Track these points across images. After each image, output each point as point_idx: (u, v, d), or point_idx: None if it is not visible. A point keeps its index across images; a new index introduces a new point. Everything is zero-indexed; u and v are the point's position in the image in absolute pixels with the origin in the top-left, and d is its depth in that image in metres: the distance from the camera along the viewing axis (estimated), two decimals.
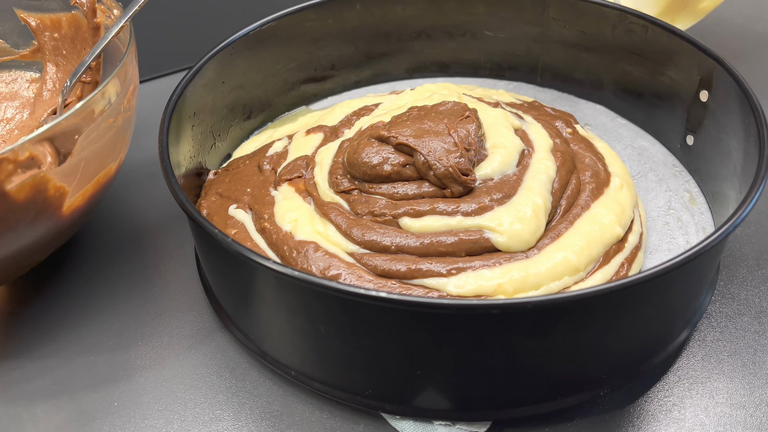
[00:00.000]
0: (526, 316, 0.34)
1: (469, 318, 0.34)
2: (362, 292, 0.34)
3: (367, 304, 0.35)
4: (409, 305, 0.34)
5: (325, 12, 0.62)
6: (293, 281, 0.35)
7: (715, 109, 0.51)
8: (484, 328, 0.35)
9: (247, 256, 0.36)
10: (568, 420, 0.41)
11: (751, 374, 0.43)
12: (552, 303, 0.33)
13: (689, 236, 0.50)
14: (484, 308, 0.33)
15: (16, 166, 0.38)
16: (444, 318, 0.34)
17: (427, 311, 0.34)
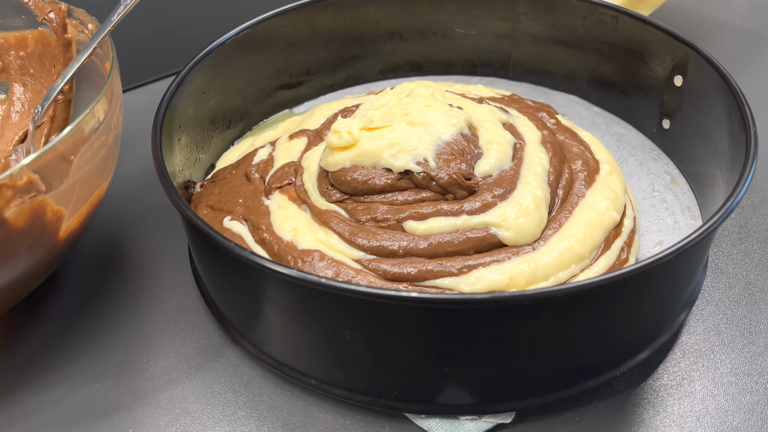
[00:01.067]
0: (555, 305, 0.35)
1: (500, 311, 0.35)
2: (395, 294, 0.34)
3: (397, 305, 0.35)
4: (442, 303, 0.34)
5: (298, 17, 0.61)
6: (319, 288, 0.35)
7: (691, 93, 0.53)
8: (513, 319, 0.36)
9: (270, 267, 0.36)
10: (587, 403, 0.42)
11: (750, 343, 0.45)
12: (580, 290, 0.34)
13: (676, 216, 0.52)
14: (516, 300, 0.33)
15: (15, 191, 0.36)
16: (474, 313, 0.35)
17: (459, 308, 0.34)
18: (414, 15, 0.65)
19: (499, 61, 0.67)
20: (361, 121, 0.49)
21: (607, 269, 0.45)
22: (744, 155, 0.42)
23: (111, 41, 0.46)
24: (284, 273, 0.35)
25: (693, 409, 0.42)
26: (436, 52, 0.67)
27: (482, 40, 0.66)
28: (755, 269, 0.50)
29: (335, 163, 0.47)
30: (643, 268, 0.35)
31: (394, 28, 0.66)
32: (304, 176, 0.51)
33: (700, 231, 0.37)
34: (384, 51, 0.67)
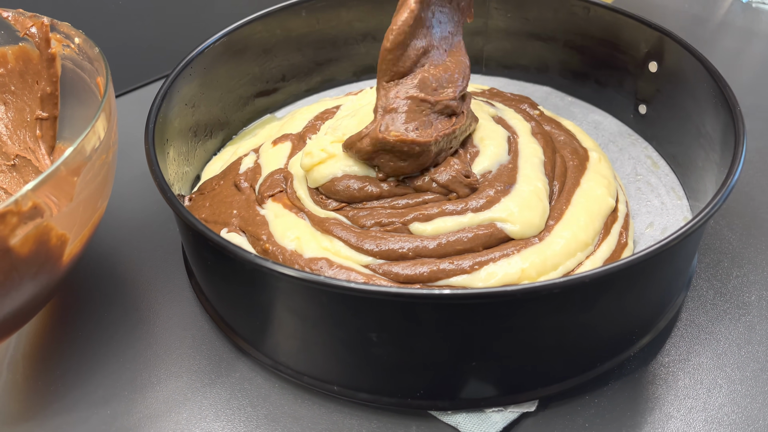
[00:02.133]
0: (582, 291, 0.36)
1: (530, 301, 0.35)
2: (428, 293, 0.34)
3: (428, 304, 0.35)
4: (475, 298, 0.34)
5: (272, 22, 0.61)
6: (350, 293, 0.35)
7: (667, 78, 0.55)
8: (542, 308, 0.36)
9: (300, 277, 0.35)
10: (603, 385, 0.43)
11: (745, 314, 0.48)
12: (607, 273, 0.35)
13: (662, 197, 0.54)
14: (548, 289, 0.34)
15: (20, 218, 0.35)
16: (505, 305, 0.35)
17: (491, 301, 0.35)
18: (386, 15, 0.65)
19: (471, 57, 0.67)
20: (333, 135, 0.49)
21: (610, 254, 0.46)
22: (734, 135, 0.43)
23: (102, 55, 0.44)
24: (315, 281, 0.35)
25: (702, 380, 0.44)
26: None
27: None
28: (739, 243, 0.53)
29: (322, 177, 0.47)
30: (662, 248, 0.36)
31: (367, 29, 0.66)
32: (294, 183, 0.50)
33: (706, 210, 0.38)
34: (357, 53, 0.67)
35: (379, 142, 0.46)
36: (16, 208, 0.34)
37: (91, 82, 0.48)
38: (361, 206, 0.46)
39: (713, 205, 0.38)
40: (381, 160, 0.46)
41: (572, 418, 0.42)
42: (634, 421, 0.41)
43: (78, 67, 0.49)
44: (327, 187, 0.47)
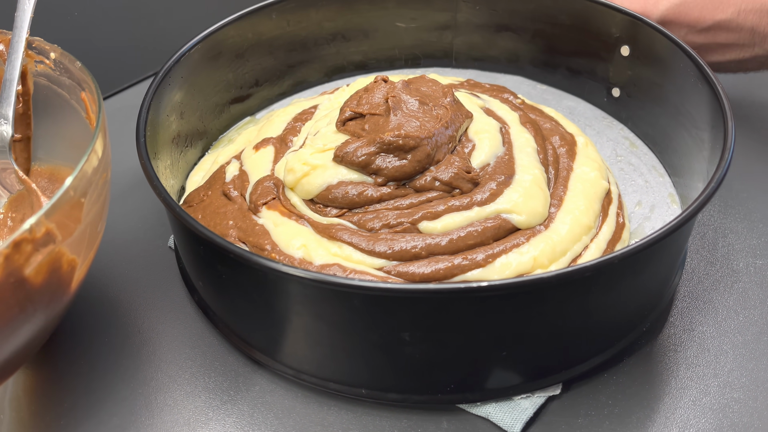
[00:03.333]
0: (608, 272, 0.37)
1: (562, 286, 0.36)
2: (466, 287, 0.34)
3: (465, 298, 0.35)
4: (511, 287, 0.34)
5: (243, 26, 0.59)
6: (385, 294, 0.35)
7: (640, 61, 0.57)
8: (571, 293, 0.37)
9: (329, 281, 0.35)
10: (618, 362, 0.44)
11: (736, 281, 0.50)
12: (632, 253, 0.36)
13: (645, 176, 0.56)
14: (580, 272, 0.35)
15: (35, 245, 0.33)
16: (538, 292, 0.36)
17: (527, 289, 0.35)
18: (355, 13, 0.65)
19: (441, 51, 0.68)
20: (312, 147, 0.49)
21: (611, 235, 0.47)
22: (721, 116, 0.45)
23: (87, 70, 0.42)
24: (352, 285, 0.34)
25: (709, 348, 0.45)
26: (380, 49, 0.68)
27: (424, 32, 0.67)
28: (719, 215, 0.55)
29: (315, 188, 0.47)
30: (678, 225, 0.37)
31: (337, 28, 0.65)
32: (286, 190, 0.49)
33: (708, 190, 0.40)
34: (328, 53, 0.66)
35: (376, 142, 0.46)
36: (31, 235, 0.32)
37: (72, 98, 0.46)
38: (364, 210, 0.46)
39: (715, 183, 0.40)
40: (379, 165, 0.46)
41: (595, 397, 0.43)
42: (653, 393, 0.43)
43: (54, 84, 0.47)
44: (323, 197, 0.47)
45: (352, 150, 0.47)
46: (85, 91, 0.43)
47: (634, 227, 0.51)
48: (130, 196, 0.58)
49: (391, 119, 0.48)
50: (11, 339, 0.35)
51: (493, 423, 0.41)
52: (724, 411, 0.42)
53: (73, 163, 0.48)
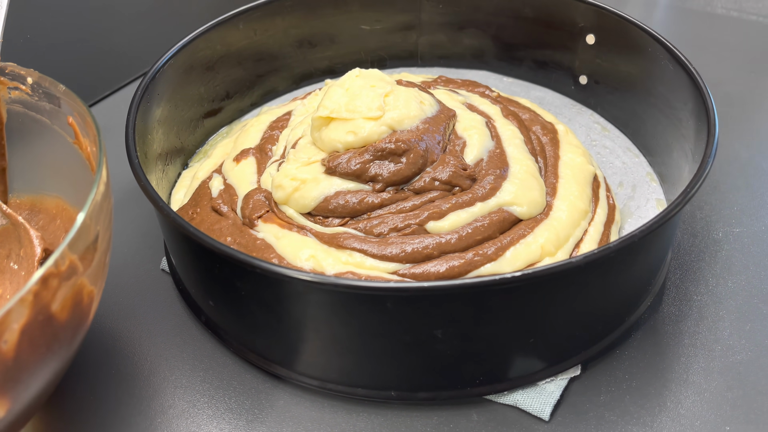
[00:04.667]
0: (628, 252, 0.38)
1: (589, 269, 0.37)
2: (500, 278, 0.35)
3: (497, 289, 0.36)
4: (543, 275, 0.35)
5: (212, 38, 0.58)
6: (422, 293, 0.35)
7: (607, 48, 0.59)
8: (593, 274, 0.38)
9: (365, 285, 0.35)
10: (628, 338, 0.46)
11: (719, 249, 0.53)
12: (649, 231, 0.37)
13: (621, 158, 0.58)
14: (605, 253, 0.36)
15: (60, 279, 0.31)
16: (565, 278, 0.37)
17: (558, 275, 0.36)
18: (320, 18, 0.65)
19: (406, 52, 0.69)
20: (297, 162, 0.49)
21: (606, 217, 0.49)
22: (700, 97, 0.47)
23: (74, 94, 0.40)
24: (388, 288, 0.34)
25: (706, 315, 0.48)
26: (346, 53, 0.68)
27: (389, 33, 0.67)
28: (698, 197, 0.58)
29: (311, 201, 0.47)
30: (683, 204, 0.39)
31: (303, 35, 0.65)
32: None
33: (705, 172, 0.41)
34: (295, 60, 0.66)
35: (369, 149, 0.46)
36: (56, 269, 0.31)
37: (54, 124, 0.43)
38: (367, 217, 0.46)
39: (707, 165, 0.42)
40: (375, 171, 0.46)
41: (612, 373, 0.44)
42: (664, 364, 0.45)
43: (32, 110, 0.44)
44: (322, 208, 0.46)
45: (345, 160, 0.47)
46: (74, 115, 0.41)
47: (621, 207, 0.53)
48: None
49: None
50: (37, 380, 0.33)
51: (521, 410, 0.42)
52: (730, 373, 0.44)
53: (58, 191, 0.46)
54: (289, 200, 0.47)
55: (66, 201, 0.45)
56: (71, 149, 0.43)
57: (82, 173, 0.42)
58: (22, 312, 0.30)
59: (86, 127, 0.40)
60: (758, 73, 0.73)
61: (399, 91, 0.50)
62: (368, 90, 0.50)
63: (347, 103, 0.50)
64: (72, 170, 0.43)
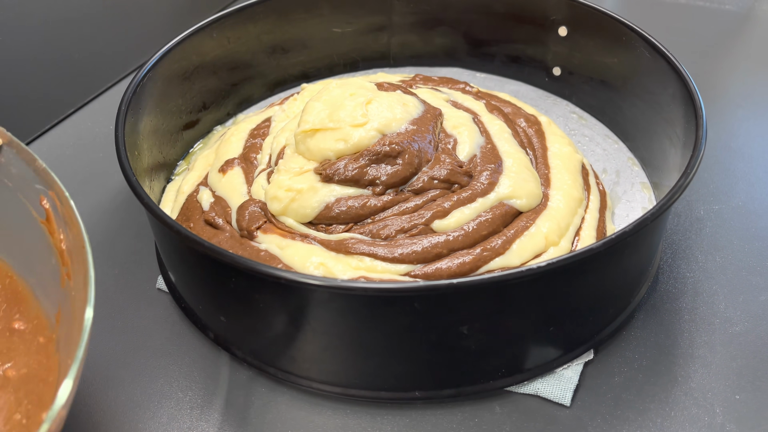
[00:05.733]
0: (642, 234, 0.39)
1: (608, 254, 0.38)
2: (527, 270, 0.35)
3: (521, 282, 0.36)
4: (567, 263, 0.36)
5: (187, 49, 0.57)
6: (451, 290, 0.35)
7: (580, 39, 0.60)
8: (609, 258, 0.39)
9: (395, 288, 0.35)
10: (632, 318, 0.47)
11: (702, 227, 0.55)
12: (659, 213, 0.38)
13: (602, 145, 0.59)
14: (622, 237, 0.37)
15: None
16: (583, 264, 0.38)
17: (579, 262, 0.37)
18: (292, 23, 0.64)
19: (378, 53, 0.69)
20: (289, 172, 0.48)
21: (600, 203, 0.50)
22: (683, 84, 0.49)
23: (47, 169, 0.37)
24: (422, 287, 0.34)
25: (700, 291, 0.50)
26: (318, 57, 0.67)
27: (360, 35, 0.67)
28: None
29: (311, 210, 0.46)
30: (682, 191, 0.40)
31: (275, 41, 0.64)
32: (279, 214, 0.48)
33: (699, 159, 0.43)
34: (268, 66, 0.65)
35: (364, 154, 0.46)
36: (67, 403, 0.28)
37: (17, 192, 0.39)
38: (372, 221, 0.46)
39: (699, 153, 0.43)
40: (373, 175, 0.46)
41: (622, 354, 0.45)
42: (669, 341, 0.46)
43: None
44: (323, 216, 0.46)
45: (342, 167, 0.47)
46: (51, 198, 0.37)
47: (609, 193, 0.54)
48: (98, 244, 0.54)
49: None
50: None
51: (542, 398, 0.43)
52: (732, 344, 0.46)
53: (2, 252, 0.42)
54: (287, 211, 0.47)
55: (12, 267, 0.42)
56: (33, 224, 0.39)
57: (40, 251, 0.38)
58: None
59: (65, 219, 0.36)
60: (713, 57, 0.76)
61: (381, 97, 0.50)
62: (349, 99, 0.50)
63: (330, 114, 0.49)
64: (28, 242, 0.40)
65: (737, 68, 0.75)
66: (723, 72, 0.74)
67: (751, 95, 0.70)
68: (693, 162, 0.42)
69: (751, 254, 0.52)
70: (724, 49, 0.78)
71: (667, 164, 0.51)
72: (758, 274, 0.51)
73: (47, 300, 0.39)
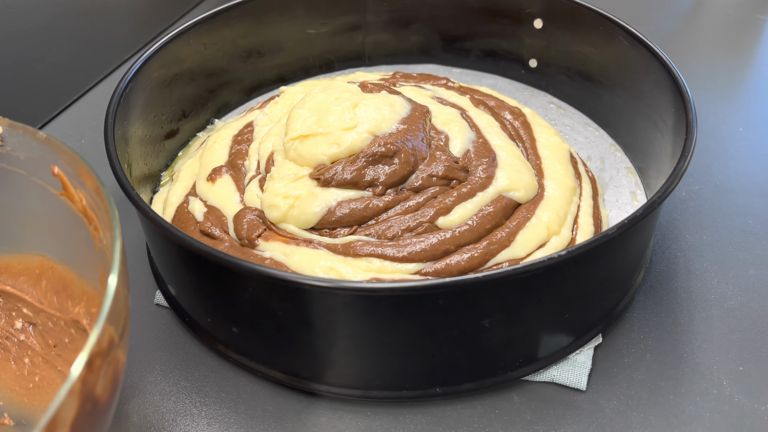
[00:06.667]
0: (645, 222, 0.40)
1: (623, 240, 0.39)
2: (548, 259, 0.36)
3: (545, 271, 0.37)
4: (586, 250, 0.37)
5: (165, 57, 0.56)
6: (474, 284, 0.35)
7: (555, 30, 0.61)
8: (618, 246, 0.40)
9: (422, 285, 0.35)
10: (632, 301, 0.49)
11: (686, 208, 0.56)
12: (663, 198, 0.39)
13: (583, 133, 0.61)
14: (633, 222, 0.38)
15: (102, 357, 0.29)
16: (599, 251, 0.38)
17: (597, 249, 0.37)
18: (266, 25, 0.63)
19: (354, 53, 0.69)
20: (282, 180, 0.48)
21: (592, 191, 0.51)
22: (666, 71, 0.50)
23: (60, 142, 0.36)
24: (449, 283, 0.34)
25: (692, 269, 0.51)
26: (294, 59, 0.67)
27: (335, 35, 0.67)
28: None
29: (312, 216, 0.46)
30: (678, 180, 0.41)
31: (251, 45, 0.63)
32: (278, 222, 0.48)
33: (692, 148, 0.44)
34: (245, 71, 0.64)
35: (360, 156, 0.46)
36: (98, 347, 0.28)
37: (32, 175, 0.39)
38: (375, 222, 0.46)
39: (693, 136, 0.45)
40: (372, 176, 0.46)
41: (628, 335, 0.46)
42: (670, 319, 0.48)
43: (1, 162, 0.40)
44: (326, 220, 0.46)
45: (340, 170, 0.46)
46: (61, 163, 0.37)
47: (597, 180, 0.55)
48: None
49: None
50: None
51: (557, 385, 0.43)
52: (728, 318, 0.48)
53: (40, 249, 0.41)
54: (286, 218, 0.46)
55: (51, 258, 0.41)
56: (54, 202, 0.38)
57: (69, 226, 0.38)
58: (71, 405, 0.26)
59: (79, 176, 0.36)
60: (672, 43, 0.79)
61: (367, 99, 0.50)
62: (334, 104, 0.50)
63: (318, 120, 0.49)
64: (56, 225, 0.39)
65: (697, 54, 0.78)
66: (684, 58, 0.76)
67: (713, 79, 0.73)
68: (688, 145, 0.43)
69: (734, 231, 0.54)
70: (683, 36, 0.81)
71: (654, 148, 0.52)
72: (744, 250, 0.53)
73: (88, 271, 0.38)
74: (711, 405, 0.43)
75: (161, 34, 0.80)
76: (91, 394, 0.28)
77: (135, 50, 0.77)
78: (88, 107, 0.70)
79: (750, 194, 0.58)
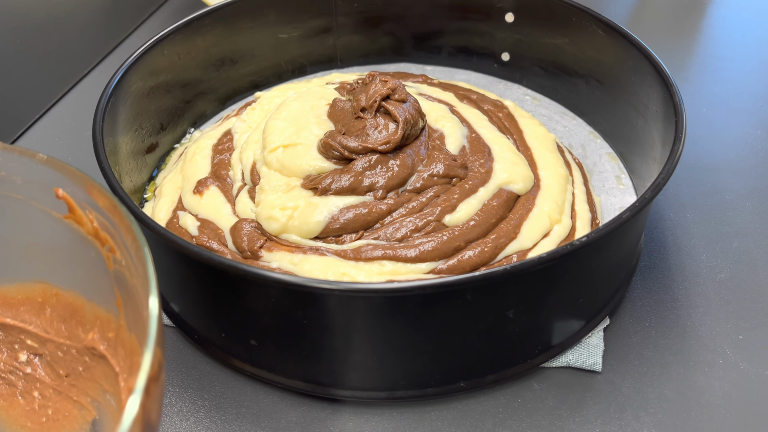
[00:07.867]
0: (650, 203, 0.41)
1: (630, 227, 0.40)
2: (570, 247, 0.36)
3: (566, 258, 0.37)
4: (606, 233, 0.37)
5: (141, 69, 0.54)
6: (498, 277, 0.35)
7: (527, 24, 0.63)
8: (627, 231, 0.41)
9: (451, 281, 0.35)
10: (632, 291, 0.50)
11: (675, 195, 0.59)
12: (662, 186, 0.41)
13: (562, 122, 0.62)
14: (638, 207, 0.39)
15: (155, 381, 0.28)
16: (613, 238, 0.39)
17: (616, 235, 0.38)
18: (238, 32, 0.62)
19: (326, 55, 0.68)
20: (275, 191, 0.47)
21: (582, 178, 0.53)
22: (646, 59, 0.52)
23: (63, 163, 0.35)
24: (477, 277, 0.35)
25: (682, 247, 0.53)
26: (267, 66, 0.66)
27: (306, 39, 0.66)
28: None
29: (316, 225, 0.45)
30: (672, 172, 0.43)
31: (224, 53, 0.62)
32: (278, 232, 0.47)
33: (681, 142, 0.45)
34: (218, 80, 0.63)
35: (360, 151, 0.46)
36: (152, 372, 0.27)
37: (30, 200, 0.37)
38: (381, 225, 0.46)
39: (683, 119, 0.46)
40: (372, 180, 0.46)
41: (631, 315, 0.48)
42: (669, 296, 0.49)
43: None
44: (329, 228, 0.45)
45: (337, 177, 0.46)
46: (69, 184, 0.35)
47: None
48: None
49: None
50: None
51: (573, 369, 0.44)
52: (721, 290, 0.50)
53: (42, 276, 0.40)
54: (287, 229, 0.46)
55: (55, 285, 0.39)
56: (57, 226, 0.37)
57: (75, 250, 0.36)
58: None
59: (90, 196, 0.34)
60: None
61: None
62: (310, 114, 0.49)
63: (295, 132, 0.49)
64: (60, 250, 0.38)
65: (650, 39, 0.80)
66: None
67: (669, 62, 0.75)
68: (680, 127, 0.45)
69: (714, 207, 0.57)
70: (632, 24, 0.84)
71: (636, 133, 0.54)
72: (726, 224, 0.55)
73: (100, 295, 0.37)
74: (719, 374, 0.44)
75: (118, 46, 0.77)
76: (149, 421, 0.27)
77: (94, 63, 0.74)
78: (52, 124, 0.67)
79: (721, 171, 0.60)
